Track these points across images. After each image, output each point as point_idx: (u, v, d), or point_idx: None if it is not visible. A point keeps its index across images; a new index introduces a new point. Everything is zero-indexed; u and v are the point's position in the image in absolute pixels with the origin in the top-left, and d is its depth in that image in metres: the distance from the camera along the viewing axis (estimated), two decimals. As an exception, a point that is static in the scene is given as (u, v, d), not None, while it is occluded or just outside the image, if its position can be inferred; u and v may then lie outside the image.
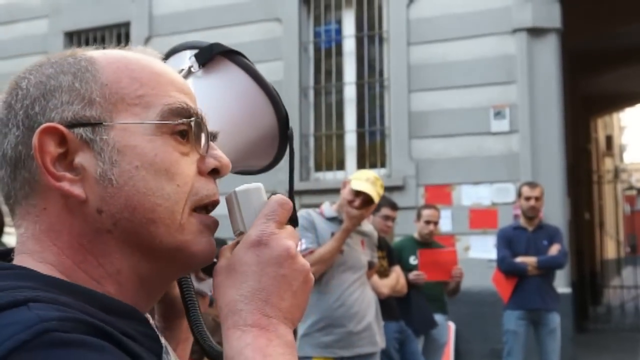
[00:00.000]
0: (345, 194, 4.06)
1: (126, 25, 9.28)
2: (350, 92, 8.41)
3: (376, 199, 4.04)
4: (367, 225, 4.48)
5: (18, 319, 0.61)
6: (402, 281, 5.36)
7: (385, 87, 8.18)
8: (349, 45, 8.45)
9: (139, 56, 0.82)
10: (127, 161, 0.75)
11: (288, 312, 0.77)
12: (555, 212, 7.07)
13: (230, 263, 0.78)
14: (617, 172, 15.85)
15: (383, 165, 8.11)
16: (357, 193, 4.00)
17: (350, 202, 4.00)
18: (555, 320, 5.91)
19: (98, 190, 0.75)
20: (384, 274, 5.19)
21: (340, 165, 8.26)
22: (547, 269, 5.90)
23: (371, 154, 8.25)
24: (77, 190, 0.74)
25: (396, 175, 7.77)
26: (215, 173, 0.82)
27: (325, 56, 8.47)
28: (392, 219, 5.65)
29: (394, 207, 5.64)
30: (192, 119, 0.80)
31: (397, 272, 5.33)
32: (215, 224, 0.81)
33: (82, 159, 0.75)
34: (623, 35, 10.98)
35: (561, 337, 5.98)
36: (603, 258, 16.00)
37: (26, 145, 0.75)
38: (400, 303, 5.43)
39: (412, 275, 5.60)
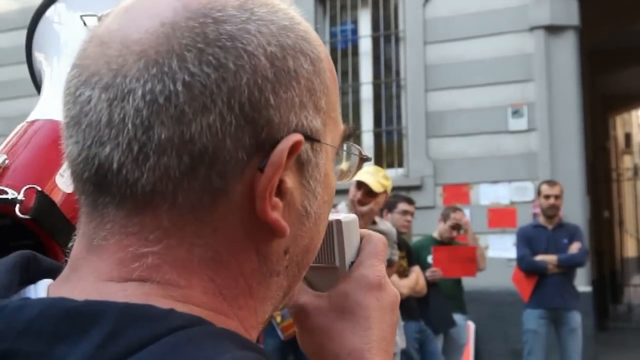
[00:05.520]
0: (350, 192, 4.15)
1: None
2: (366, 92, 8.40)
3: (375, 188, 4.09)
4: (385, 224, 4.49)
5: None
6: (422, 281, 5.35)
7: (402, 87, 8.16)
8: (365, 45, 8.45)
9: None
10: (322, 193, 0.59)
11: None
12: (575, 210, 7.02)
13: (344, 305, 0.68)
14: (636, 170, 15.69)
15: (400, 165, 8.09)
16: (359, 186, 4.06)
17: (355, 198, 4.10)
18: (576, 319, 5.87)
19: (295, 226, 0.57)
20: (403, 274, 5.18)
21: (358, 166, 8.23)
22: (568, 268, 5.86)
23: (388, 154, 8.23)
24: (283, 222, 0.55)
25: (414, 175, 7.76)
26: None
27: (342, 56, 8.46)
28: (411, 213, 5.61)
29: (410, 201, 5.63)
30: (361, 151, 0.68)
31: (416, 272, 5.32)
32: None
33: (291, 183, 0.55)
34: (642, 31, 10.88)
35: (582, 335, 5.93)
36: (623, 256, 15.85)
37: (235, 141, 0.51)
38: (419, 301, 5.42)
39: (428, 272, 5.59)
